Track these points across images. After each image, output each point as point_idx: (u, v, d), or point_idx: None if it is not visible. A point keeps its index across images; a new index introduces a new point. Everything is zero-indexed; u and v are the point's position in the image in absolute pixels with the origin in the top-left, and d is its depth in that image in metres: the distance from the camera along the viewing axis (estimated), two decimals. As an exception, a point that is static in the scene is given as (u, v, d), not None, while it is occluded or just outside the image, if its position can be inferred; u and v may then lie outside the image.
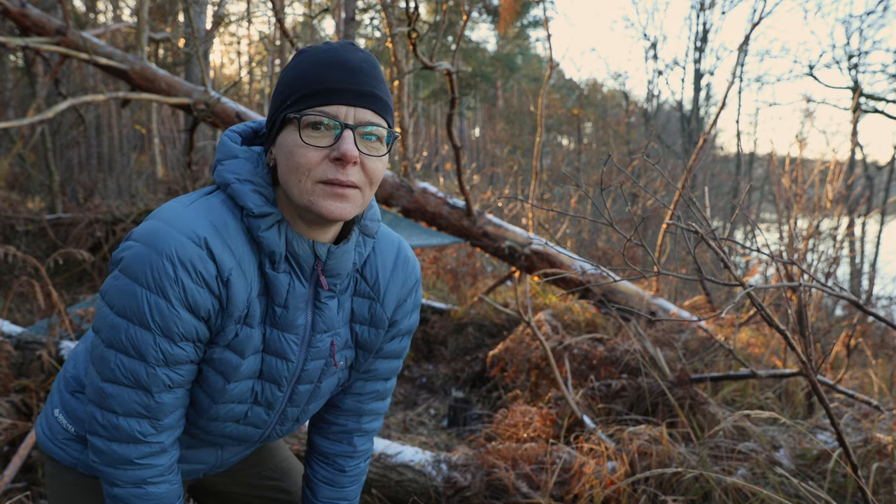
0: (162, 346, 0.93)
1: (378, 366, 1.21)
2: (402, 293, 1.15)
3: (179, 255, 0.90)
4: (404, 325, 1.19)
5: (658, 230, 8.07)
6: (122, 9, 14.37)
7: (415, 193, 4.65)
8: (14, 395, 2.59)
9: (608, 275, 1.42)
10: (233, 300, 0.95)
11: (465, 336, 4.84)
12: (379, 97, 0.95)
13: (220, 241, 0.93)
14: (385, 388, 1.25)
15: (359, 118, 0.93)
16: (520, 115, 15.53)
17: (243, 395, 1.05)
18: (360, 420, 1.25)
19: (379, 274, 1.11)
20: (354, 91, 0.92)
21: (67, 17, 4.63)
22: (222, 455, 1.21)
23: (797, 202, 4.36)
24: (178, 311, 0.92)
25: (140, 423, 0.98)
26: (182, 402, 1.02)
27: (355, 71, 0.93)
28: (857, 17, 19.74)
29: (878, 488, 2.30)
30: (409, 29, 3.59)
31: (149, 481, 1.02)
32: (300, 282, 1.01)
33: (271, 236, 0.96)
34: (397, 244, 1.16)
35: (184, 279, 0.91)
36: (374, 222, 1.08)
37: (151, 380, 0.95)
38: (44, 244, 5.97)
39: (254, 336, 1.00)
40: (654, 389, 3.03)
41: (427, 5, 18.17)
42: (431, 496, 2.40)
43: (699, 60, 15.65)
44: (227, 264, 0.93)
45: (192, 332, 0.95)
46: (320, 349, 1.07)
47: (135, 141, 13.48)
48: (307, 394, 1.12)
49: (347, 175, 0.92)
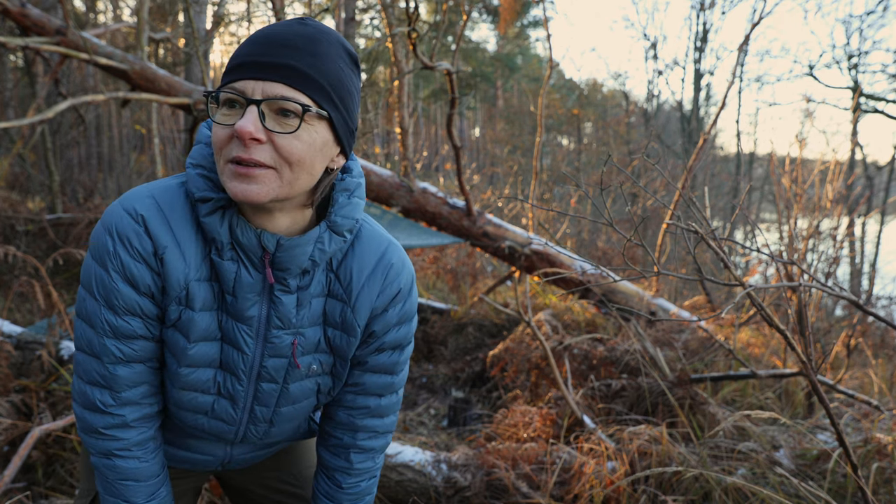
0: (107, 317, 0.97)
1: (366, 379, 1.13)
2: (379, 301, 1.06)
3: (118, 230, 0.93)
4: (389, 338, 1.10)
5: (658, 230, 8.07)
6: (122, 9, 14.38)
7: (415, 193, 4.65)
8: (14, 395, 2.59)
9: (608, 275, 1.42)
10: (168, 280, 0.96)
11: (465, 336, 4.85)
12: (295, 68, 0.86)
13: (159, 219, 0.94)
14: (379, 405, 1.16)
15: (267, 92, 0.86)
16: (520, 115, 15.54)
17: (205, 384, 1.04)
18: (356, 436, 1.17)
19: (353, 276, 1.04)
20: (263, 63, 0.86)
21: (67, 17, 4.63)
22: (231, 451, 1.19)
23: (797, 202, 4.36)
24: (116, 285, 0.95)
25: (102, 392, 1.01)
26: (143, 379, 1.03)
27: (276, 44, 0.87)
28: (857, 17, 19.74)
29: (878, 488, 2.30)
30: (409, 29, 3.59)
31: (115, 453, 1.04)
32: (248, 271, 0.97)
33: (212, 222, 0.94)
34: (384, 248, 1.07)
35: (121, 253, 0.93)
36: (346, 219, 0.99)
37: (102, 350, 0.99)
38: (44, 244, 5.97)
39: (197, 321, 0.98)
40: (654, 389, 3.03)
41: (427, 5, 18.18)
42: (431, 496, 2.40)
43: (699, 60, 15.65)
44: (161, 242, 0.94)
45: (134, 307, 0.96)
46: (277, 346, 1.02)
47: (135, 141, 13.48)
48: (273, 394, 1.07)
49: (250, 153, 0.85)
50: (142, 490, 1.08)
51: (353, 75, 0.94)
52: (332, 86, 0.90)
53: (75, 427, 2.51)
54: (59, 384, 2.67)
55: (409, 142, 4.92)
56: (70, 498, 2.36)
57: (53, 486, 2.44)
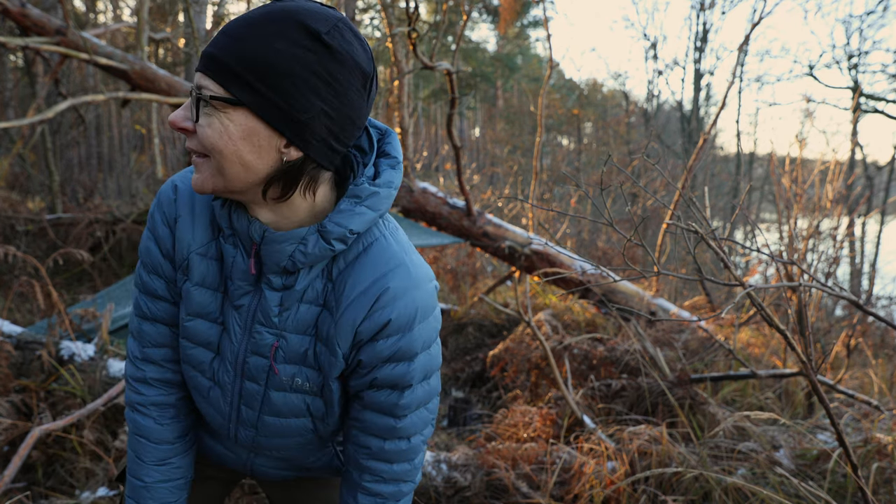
0: (141, 272, 1.07)
1: (366, 417, 1.05)
2: (365, 327, 0.96)
3: (161, 196, 1.04)
4: (382, 375, 0.99)
5: (658, 230, 8.07)
6: (122, 9, 14.38)
7: (415, 193, 4.65)
8: (14, 395, 2.59)
9: (608, 275, 1.41)
10: (177, 248, 1.03)
11: (465, 336, 4.85)
12: (212, 56, 0.83)
13: (188, 194, 1.03)
14: (382, 448, 1.06)
15: (197, 83, 0.86)
16: (520, 115, 15.54)
17: (202, 365, 1.07)
18: (362, 476, 1.09)
19: (346, 289, 0.96)
20: (203, 55, 0.86)
21: (67, 17, 4.63)
22: (254, 458, 1.19)
23: (797, 202, 4.36)
24: (149, 244, 1.05)
25: (134, 343, 1.11)
26: (166, 342, 1.10)
27: (220, 33, 0.86)
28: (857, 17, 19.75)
29: (878, 488, 2.30)
30: (409, 29, 3.59)
31: (136, 407, 1.12)
32: (242, 259, 0.98)
33: (217, 207, 0.99)
34: (388, 269, 0.96)
35: (156, 215, 1.04)
36: (337, 227, 0.91)
37: (137, 302, 1.09)
38: (44, 244, 5.97)
39: (193, 294, 1.02)
40: (654, 389, 3.03)
41: (427, 5, 18.18)
42: (431, 496, 2.40)
43: (699, 60, 15.66)
44: (181, 211, 1.02)
45: (158, 267, 1.05)
46: (258, 342, 1.00)
47: (135, 141, 13.47)
48: (257, 396, 1.04)
49: (190, 143, 0.89)
50: (152, 452, 1.13)
51: (301, 54, 0.82)
52: (253, 70, 0.81)
53: (75, 427, 2.51)
54: (59, 384, 2.67)
55: (409, 142, 4.92)
56: (70, 498, 2.36)
57: (53, 486, 2.44)
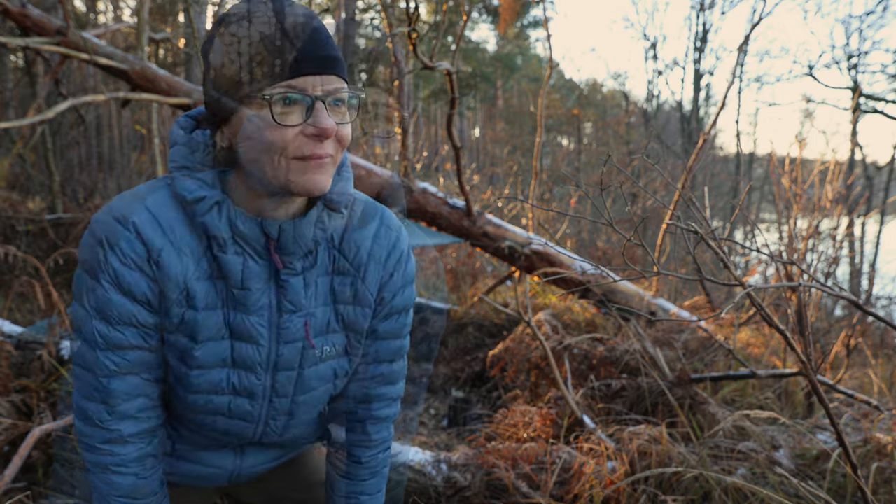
0: (98, 329, 0.95)
1: (379, 347, 1.14)
2: (386, 267, 1.08)
3: (108, 239, 0.92)
4: (397, 301, 1.11)
5: (658, 230, 8.07)
6: (122, 9, 14.38)
7: (415, 193, 4.65)
8: (14, 395, 2.59)
9: (608, 275, 1.42)
10: (166, 283, 0.94)
11: (465, 336, 4.85)
12: (339, 59, 0.90)
13: (151, 223, 0.93)
14: (391, 370, 1.18)
15: (326, 87, 0.88)
16: (520, 115, 15.55)
17: (218, 384, 1.02)
18: (371, 407, 1.18)
19: (359, 248, 1.05)
20: (319, 57, 0.87)
21: (68, 18, 4.63)
22: (241, 463, 1.18)
23: (797, 202, 4.36)
24: (109, 295, 0.93)
25: (97, 407, 0.99)
26: (139, 392, 1.01)
27: (312, 33, 0.87)
28: (857, 17, 19.74)
29: (878, 488, 2.30)
30: (409, 29, 3.59)
31: (111, 469, 1.02)
32: (254, 261, 0.97)
33: (211, 220, 0.93)
34: (378, 216, 1.08)
35: (113, 262, 0.92)
36: (341, 195, 1.00)
37: (96, 363, 0.96)
38: (44, 244, 5.97)
39: (203, 320, 0.97)
40: (654, 389, 3.03)
41: (427, 5, 18.17)
42: (431, 496, 2.40)
43: (699, 60, 15.67)
44: (156, 245, 0.93)
45: (129, 317, 0.95)
46: (290, 331, 1.02)
47: (135, 141, 13.47)
48: (290, 383, 1.06)
49: (325, 148, 0.89)
50: None
51: None
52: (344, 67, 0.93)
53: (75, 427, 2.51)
54: (59, 384, 2.67)
55: (409, 142, 4.92)
56: (70, 498, 2.37)
57: (54, 486, 2.44)
